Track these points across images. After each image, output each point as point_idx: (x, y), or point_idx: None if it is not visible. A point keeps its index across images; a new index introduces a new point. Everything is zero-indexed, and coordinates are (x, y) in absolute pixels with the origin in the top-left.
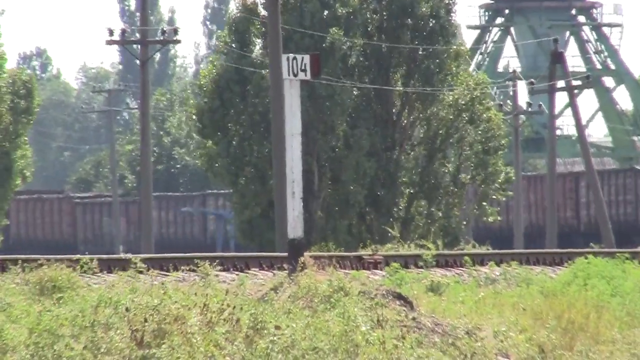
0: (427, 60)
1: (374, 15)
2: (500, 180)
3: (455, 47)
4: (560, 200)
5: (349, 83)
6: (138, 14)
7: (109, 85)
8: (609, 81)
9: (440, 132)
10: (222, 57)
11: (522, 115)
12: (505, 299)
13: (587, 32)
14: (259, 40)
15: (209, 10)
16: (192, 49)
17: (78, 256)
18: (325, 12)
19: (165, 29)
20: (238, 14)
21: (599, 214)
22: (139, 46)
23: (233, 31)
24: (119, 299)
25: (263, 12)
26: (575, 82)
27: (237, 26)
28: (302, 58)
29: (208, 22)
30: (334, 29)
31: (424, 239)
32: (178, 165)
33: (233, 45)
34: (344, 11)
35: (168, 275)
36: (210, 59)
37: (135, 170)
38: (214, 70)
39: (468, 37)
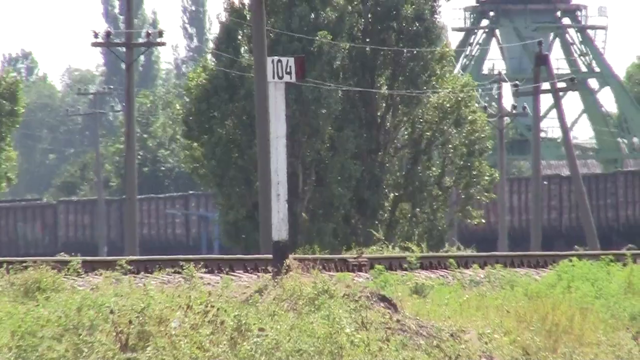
0: (411, 62)
1: (360, 18)
2: (484, 183)
3: (439, 48)
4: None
5: (334, 86)
6: (122, 16)
7: (94, 87)
8: (593, 83)
9: (426, 134)
10: (210, 61)
11: (506, 118)
12: (489, 301)
13: (572, 35)
14: (245, 45)
15: (187, 14)
16: (171, 52)
17: (63, 258)
18: (313, 16)
19: (150, 31)
20: (226, 18)
21: (584, 217)
22: (124, 48)
23: (223, 35)
24: (103, 301)
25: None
26: (560, 84)
27: (226, 29)
28: (287, 61)
29: (187, 26)
30: (322, 32)
31: (409, 241)
32: (163, 168)
33: (223, 47)
34: (332, 15)
35: (153, 277)
36: (203, 63)
37: (121, 172)
38: (202, 74)
39: (453, 40)
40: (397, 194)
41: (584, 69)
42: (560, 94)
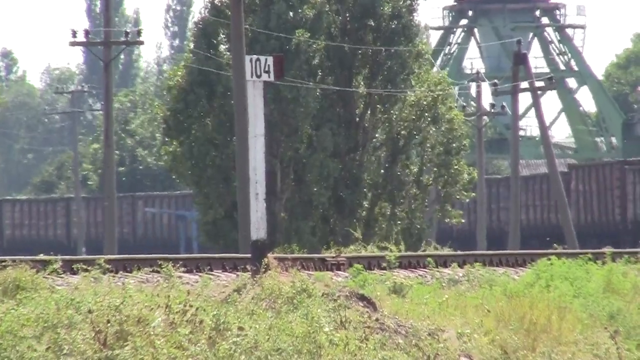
0: (389, 61)
1: (337, 17)
2: (462, 182)
3: (417, 47)
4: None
5: (312, 85)
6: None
7: (73, 86)
8: (572, 82)
9: (403, 132)
10: (189, 59)
11: (485, 117)
12: (468, 301)
13: (551, 34)
14: (224, 43)
15: (171, 13)
16: (154, 50)
17: (43, 257)
18: (291, 14)
19: (128, 30)
20: (206, 15)
21: (563, 217)
22: (103, 47)
23: (201, 33)
24: (82, 299)
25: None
26: (538, 84)
27: (205, 27)
28: (266, 59)
29: (170, 25)
30: (299, 30)
31: (387, 240)
32: (141, 167)
33: (201, 46)
34: (310, 13)
35: (132, 276)
36: (184, 58)
37: (99, 171)
38: (179, 72)
39: (432, 39)
40: (375, 192)
41: (562, 68)
42: (539, 93)
